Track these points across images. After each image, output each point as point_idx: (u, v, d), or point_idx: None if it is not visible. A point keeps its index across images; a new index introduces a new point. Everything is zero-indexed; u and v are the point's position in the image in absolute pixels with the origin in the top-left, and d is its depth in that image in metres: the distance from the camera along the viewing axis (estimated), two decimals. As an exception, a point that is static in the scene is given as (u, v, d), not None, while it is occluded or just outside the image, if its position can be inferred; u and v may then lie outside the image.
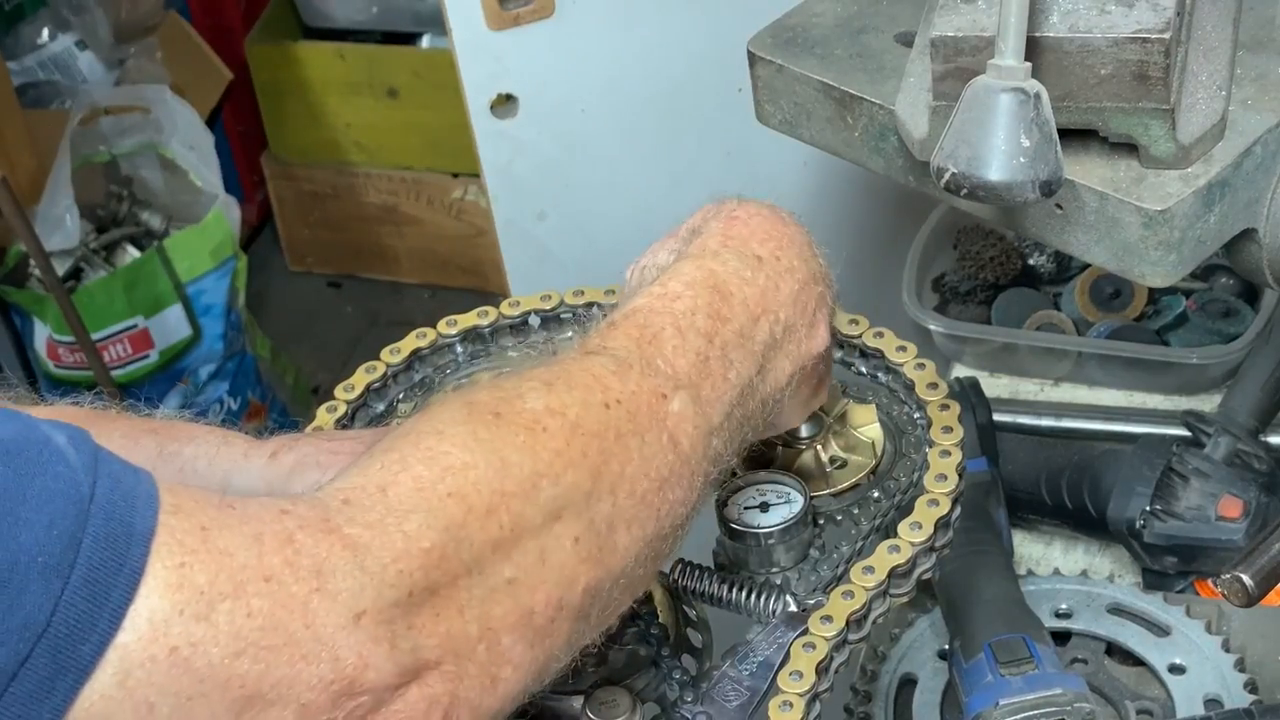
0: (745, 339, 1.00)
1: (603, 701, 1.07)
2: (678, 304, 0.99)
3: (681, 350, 0.97)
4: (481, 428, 0.86)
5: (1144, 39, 1.03)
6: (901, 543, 1.14)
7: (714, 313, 0.99)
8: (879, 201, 2.35)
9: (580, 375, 0.92)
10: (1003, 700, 1.27)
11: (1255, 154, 1.10)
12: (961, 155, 1.01)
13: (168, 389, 3.28)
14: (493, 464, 0.84)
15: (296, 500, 0.80)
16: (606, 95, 2.19)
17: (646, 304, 0.99)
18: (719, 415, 0.98)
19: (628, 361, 0.94)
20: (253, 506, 0.78)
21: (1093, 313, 1.91)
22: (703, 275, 1.01)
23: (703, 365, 0.97)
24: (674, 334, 0.97)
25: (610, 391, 0.92)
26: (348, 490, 0.81)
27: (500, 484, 0.84)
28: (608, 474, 0.89)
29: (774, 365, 1.03)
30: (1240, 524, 1.49)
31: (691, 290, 1.00)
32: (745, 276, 1.02)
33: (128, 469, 0.76)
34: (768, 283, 1.03)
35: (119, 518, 0.73)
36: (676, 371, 0.96)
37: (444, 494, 0.82)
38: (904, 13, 1.27)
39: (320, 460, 1.07)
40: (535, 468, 0.86)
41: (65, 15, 3.66)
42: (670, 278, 1.01)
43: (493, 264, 2.43)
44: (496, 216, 2.25)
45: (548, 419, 0.88)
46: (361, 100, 3.81)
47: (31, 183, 3.10)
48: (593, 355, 0.95)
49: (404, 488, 0.81)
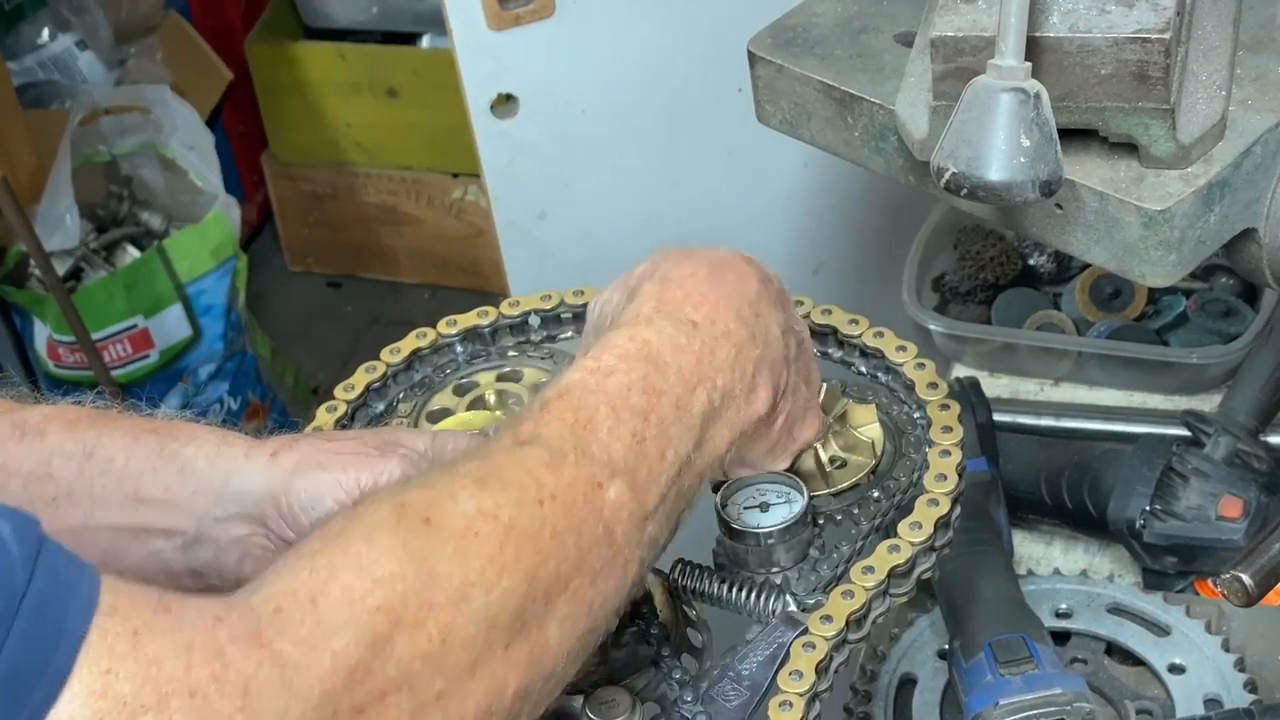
0: (682, 411, 0.98)
1: (603, 701, 1.07)
2: (611, 380, 0.96)
3: (616, 432, 0.94)
4: (411, 536, 0.83)
5: (1144, 39, 1.03)
6: (901, 542, 1.14)
7: (649, 387, 0.97)
8: (879, 201, 2.35)
9: (514, 471, 0.89)
10: (1002, 700, 1.27)
11: (1255, 154, 1.10)
12: (961, 155, 1.01)
13: (168, 389, 3.28)
14: (421, 575, 0.82)
15: (231, 606, 0.78)
16: (606, 95, 2.19)
17: (580, 380, 0.96)
18: (654, 498, 0.95)
19: (561, 451, 0.91)
20: (190, 610, 0.76)
21: (1093, 313, 1.91)
22: (636, 346, 0.99)
23: (639, 447, 0.95)
24: (608, 414, 0.94)
25: (544, 487, 0.89)
26: (280, 597, 0.79)
27: (429, 596, 0.82)
28: (542, 576, 0.87)
29: (712, 435, 1.01)
30: (1240, 524, 1.49)
31: (625, 363, 0.97)
32: (680, 344, 0.99)
33: (72, 564, 0.74)
34: (703, 349, 1.00)
35: (51, 617, 0.71)
36: (612, 457, 0.93)
37: (373, 608, 0.80)
38: (904, 13, 1.27)
39: (321, 460, 1.06)
40: (466, 577, 0.84)
41: (65, 15, 3.66)
42: (603, 350, 0.99)
43: (493, 264, 2.43)
44: (496, 216, 2.25)
45: (480, 523, 0.86)
46: (361, 100, 3.81)
47: (32, 183, 3.10)
48: (526, 446, 0.92)
49: (334, 599, 0.80)
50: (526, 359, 1.36)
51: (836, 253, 2.45)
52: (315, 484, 1.05)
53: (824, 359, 1.34)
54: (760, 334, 1.04)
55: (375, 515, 0.85)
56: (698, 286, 1.03)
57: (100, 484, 1.06)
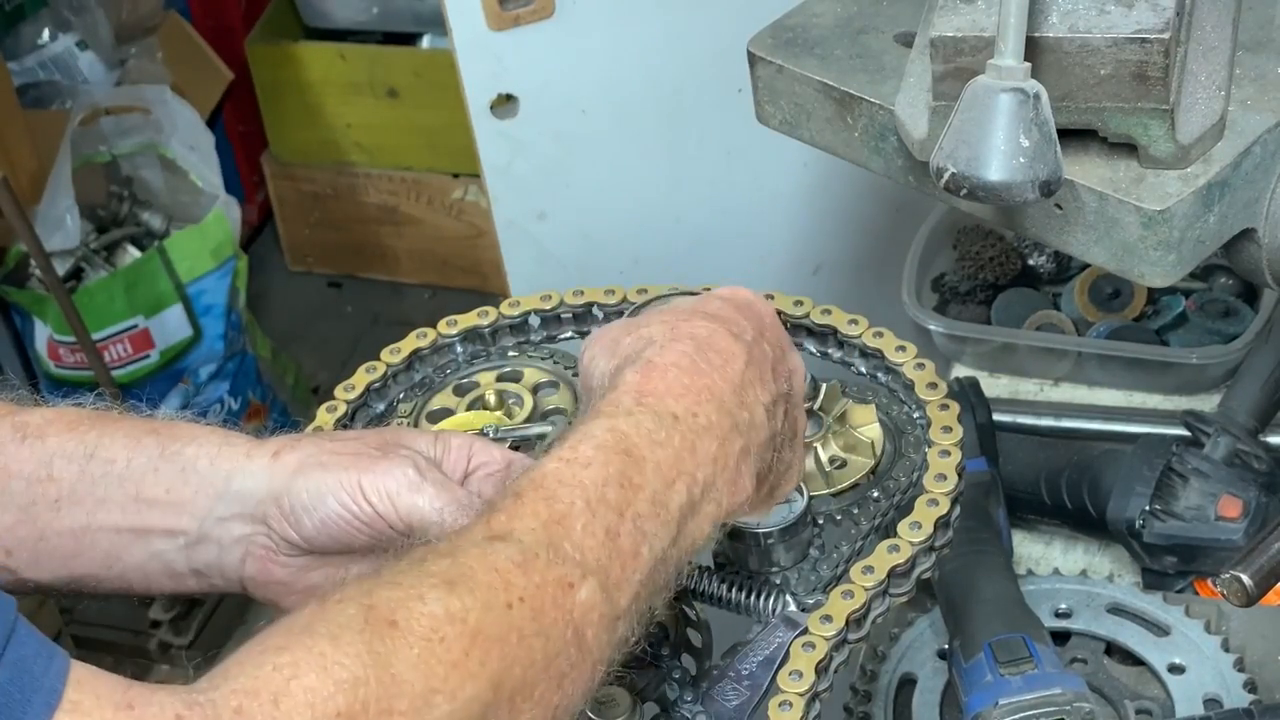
0: (659, 507, 0.95)
1: (603, 701, 1.08)
2: (588, 473, 0.94)
3: (591, 529, 0.92)
4: (376, 639, 0.82)
5: (1144, 39, 1.03)
6: (901, 542, 1.14)
7: (625, 481, 0.94)
8: (879, 201, 2.36)
9: (483, 573, 0.87)
10: (1002, 700, 1.27)
11: (1254, 154, 1.10)
12: (961, 155, 1.01)
13: (168, 389, 3.28)
14: (384, 680, 0.81)
15: (193, 705, 0.77)
16: (606, 95, 2.19)
17: (555, 471, 0.94)
18: (627, 597, 0.93)
19: (533, 550, 0.89)
20: (152, 709, 0.76)
21: (1092, 313, 1.91)
22: (614, 439, 0.96)
23: (613, 544, 0.93)
24: (583, 510, 0.92)
25: (513, 589, 0.87)
26: (242, 695, 0.79)
27: (391, 702, 0.81)
28: (508, 681, 0.86)
29: (690, 529, 0.98)
30: (1240, 524, 1.49)
31: (602, 455, 0.95)
32: (659, 439, 0.97)
33: (40, 655, 0.74)
34: (683, 443, 0.98)
35: (7, 712, 0.71)
36: (585, 557, 0.91)
37: (333, 713, 0.79)
38: (904, 13, 1.27)
39: (323, 460, 1.06)
40: (429, 684, 0.82)
41: (66, 15, 3.66)
42: (580, 440, 0.96)
43: (493, 264, 2.43)
44: (496, 216, 2.25)
45: (446, 627, 0.84)
46: (362, 100, 3.81)
47: (32, 183, 3.10)
48: (497, 543, 0.90)
49: (296, 700, 0.79)
50: (526, 359, 1.36)
51: (836, 253, 2.45)
52: (317, 484, 1.05)
53: (824, 359, 1.34)
54: (744, 423, 1.02)
55: (342, 615, 0.83)
56: (680, 377, 1.00)
57: (102, 485, 1.06)
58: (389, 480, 1.05)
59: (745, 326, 1.06)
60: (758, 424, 1.03)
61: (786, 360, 1.09)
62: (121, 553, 1.07)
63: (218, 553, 1.08)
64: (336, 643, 0.81)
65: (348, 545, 1.06)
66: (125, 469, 1.07)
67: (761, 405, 1.03)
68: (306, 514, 1.05)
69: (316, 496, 1.05)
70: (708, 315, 1.05)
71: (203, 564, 1.08)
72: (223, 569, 1.08)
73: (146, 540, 1.07)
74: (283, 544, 1.07)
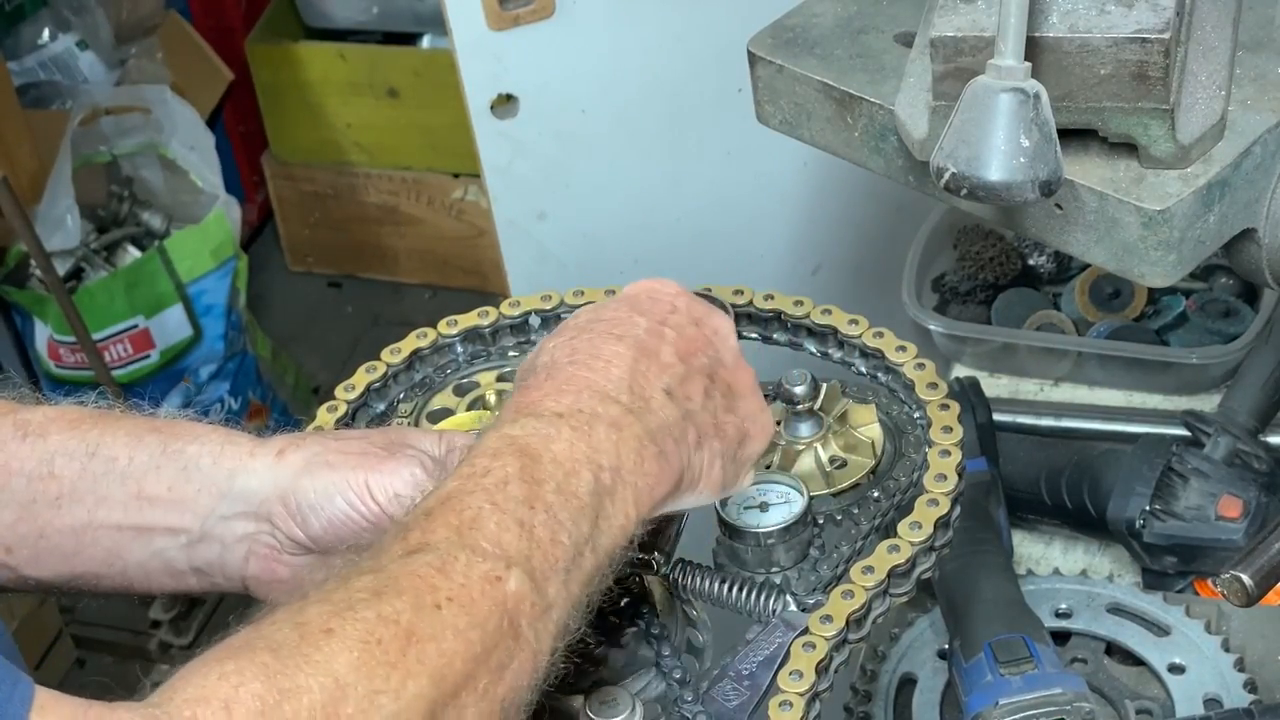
0: (568, 495, 0.96)
1: (603, 701, 1.08)
2: (488, 478, 0.95)
3: (504, 525, 0.93)
4: (314, 648, 0.83)
5: (1144, 39, 1.03)
6: (901, 542, 1.14)
7: (527, 476, 0.96)
8: (879, 201, 2.36)
9: (406, 580, 0.89)
10: (1002, 700, 1.27)
11: (1254, 154, 1.10)
12: (961, 155, 1.01)
13: (169, 389, 3.28)
14: (328, 686, 0.82)
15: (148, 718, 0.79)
16: (606, 95, 2.19)
17: (458, 486, 0.95)
18: (555, 586, 0.94)
19: (451, 554, 0.90)
20: None
21: (1092, 313, 1.91)
22: (505, 444, 0.97)
23: (529, 535, 0.94)
24: (492, 510, 0.93)
25: (439, 591, 0.88)
26: (194, 704, 0.80)
27: (337, 707, 0.82)
28: (450, 676, 0.87)
29: (612, 512, 0.99)
30: (1240, 524, 1.49)
31: (499, 460, 0.96)
32: (548, 434, 0.98)
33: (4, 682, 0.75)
34: (575, 434, 0.99)
35: None
36: (505, 550, 0.92)
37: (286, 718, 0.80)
38: (904, 13, 1.27)
39: (329, 460, 1.07)
40: (373, 685, 0.83)
41: (66, 15, 3.66)
42: (475, 454, 0.98)
43: (493, 264, 2.43)
44: (496, 216, 2.25)
45: (381, 629, 0.85)
46: (362, 100, 3.81)
47: (32, 183, 3.10)
48: (415, 555, 0.91)
49: (247, 706, 0.80)
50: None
51: (836, 253, 2.45)
52: (325, 483, 1.06)
53: (824, 359, 1.34)
54: (639, 409, 1.02)
55: (278, 633, 0.85)
56: (555, 385, 1.02)
57: (103, 483, 1.06)
58: (396, 480, 1.06)
59: (637, 321, 1.07)
60: (655, 408, 1.03)
61: (702, 331, 1.09)
62: (122, 551, 1.08)
63: (220, 551, 1.08)
64: (277, 654, 0.83)
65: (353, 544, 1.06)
66: (127, 467, 1.07)
67: (659, 389, 1.04)
68: (314, 513, 1.05)
69: (324, 496, 1.05)
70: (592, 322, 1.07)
71: (204, 562, 1.08)
72: (224, 568, 1.08)
73: (148, 538, 1.07)
74: (287, 543, 1.07)
